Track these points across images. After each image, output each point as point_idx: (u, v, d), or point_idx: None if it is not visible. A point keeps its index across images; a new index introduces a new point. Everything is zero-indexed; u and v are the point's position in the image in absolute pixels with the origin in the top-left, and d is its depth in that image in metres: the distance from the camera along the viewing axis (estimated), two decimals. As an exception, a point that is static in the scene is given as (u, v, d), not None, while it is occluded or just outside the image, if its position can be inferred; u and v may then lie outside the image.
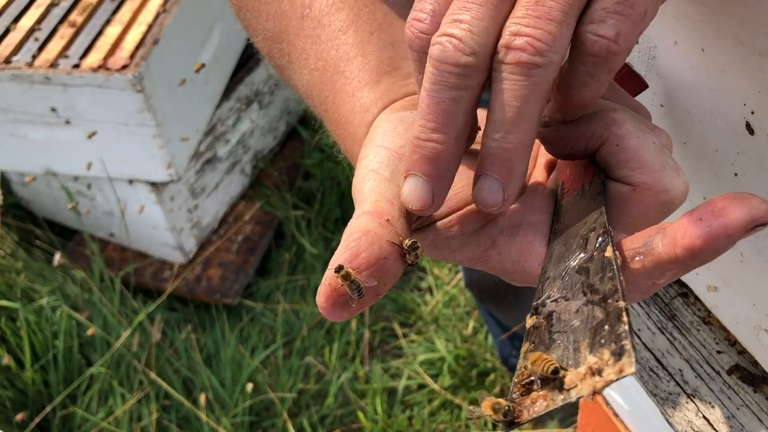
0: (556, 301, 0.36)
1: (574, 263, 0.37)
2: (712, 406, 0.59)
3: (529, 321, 0.37)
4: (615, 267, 0.35)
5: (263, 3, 0.56)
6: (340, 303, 0.38)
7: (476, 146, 0.45)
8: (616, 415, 0.85)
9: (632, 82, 0.53)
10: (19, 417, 1.73)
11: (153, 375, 1.83)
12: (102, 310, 1.92)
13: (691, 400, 0.60)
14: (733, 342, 0.62)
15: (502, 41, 0.36)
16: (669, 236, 0.35)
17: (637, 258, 0.37)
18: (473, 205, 0.43)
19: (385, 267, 0.38)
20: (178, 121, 1.85)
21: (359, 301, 0.38)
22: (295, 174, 2.36)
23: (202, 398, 1.79)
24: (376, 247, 0.38)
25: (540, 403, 0.33)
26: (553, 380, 0.32)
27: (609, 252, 0.36)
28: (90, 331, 1.81)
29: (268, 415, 1.89)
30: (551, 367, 0.32)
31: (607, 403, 0.85)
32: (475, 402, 1.65)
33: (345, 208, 2.30)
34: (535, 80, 0.36)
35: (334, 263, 0.38)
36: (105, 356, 1.84)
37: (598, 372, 0.31)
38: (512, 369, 1.86)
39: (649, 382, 0.62)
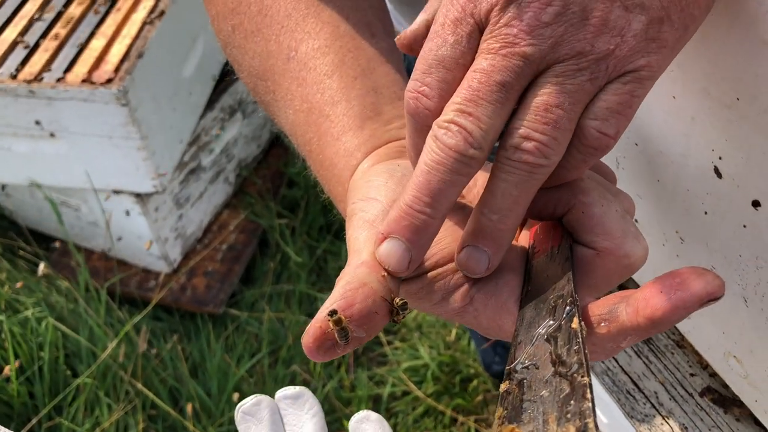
0: (527, 368, 0.39)
1: (543, 330, 0.40)
2: (686, 428, 0.62)
3: (503, 386, 0.39)
4: (581, 339, 0.37)
5: (250, 41, 0.58)
6: (325, 346, 0.40)
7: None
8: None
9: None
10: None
11: (139, 385, 1.84)
12: (88, 320, 1.92)
13: (666, 421, 0.63)
14: (705, 365, 0.65)
15: (511, 140, 0.38)
16: (632, 306, 0.38)
17: (603, 324, 0.40)
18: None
19: (374, 321, 0.40)
20: (162, 132, 1.86)
21: (344, 347, 0.40)
22: (279, 182, 2.38)
23: (189, 408, 1.81)
24: (370, 301, 0.40)
25: None
26: None
27: (575, 323, 0.38)
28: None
29: (254, 424, 1.90)
30: None
31: None
32: (459, 408, 1.66)
33: (329, 217, 2.32)
34: (536, 177, 0.39)
35: (327, 307, 0.40)
36: (91, 367, 1.85)
37: None
38: (495, 375, 1.90)
39: (626, 404, 0.65)
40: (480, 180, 0.49)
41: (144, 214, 1.97)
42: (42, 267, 1.93)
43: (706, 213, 0.53)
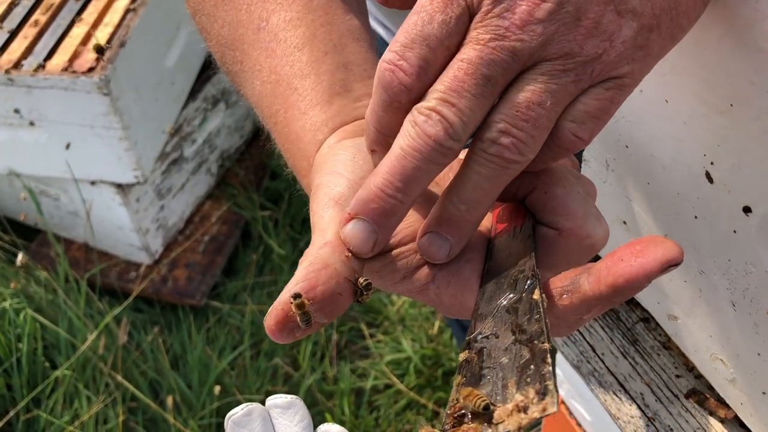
0: (486, 337, 0.39)
1: (504, 302, 0.40)
2: (671, 429, 0.62)
3: (462, 355, 0.39)
4: (542, 309, 0.38)
5: (220, 9, 0.57)
6: (287, 328, 0.40)
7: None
8: (579, 425, 0.88)
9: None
10: (-18, 422, 1.71)
11: (119, 378, 1.82)
12: (67, 312, 1.90)
13: (652, 423, 0.63)
14: (690, 367, 0.66)
15: (488, 134, 0.38)
16: (594, 275, 0.39)
17: (565, 295, 0.40)
18: None
19: (337, 302, 0.40)
20: (144, 122, 1.84)
21: (304, 330, 0.40)
22: (262, 174, 2.36)
23: (170, 400, 1.79)
24: (333, 282, 0.40)
25: None
26: (483, 415, 0.35)
27: (537, 295, 0.39)
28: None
29: (235, 417, 1.89)
30: (482, 403, 0.35)
31: (571, 414, 0.89)
32: (441, 401, 1.66)
33: (312, 209, 2.31)
34: (509, 172, 0.39)
35: (290, 289, 0.39)
36: (70, 359, 1.83)
37: (524, 409, 0.33)
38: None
39: (612, 406, 0.65)
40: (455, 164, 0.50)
41: (125, 205, 1.95)
42: (20, 257, 1.90)
43: (696, 217, 0.53)
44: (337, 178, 0.45)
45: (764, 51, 0.40)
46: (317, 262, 0.40)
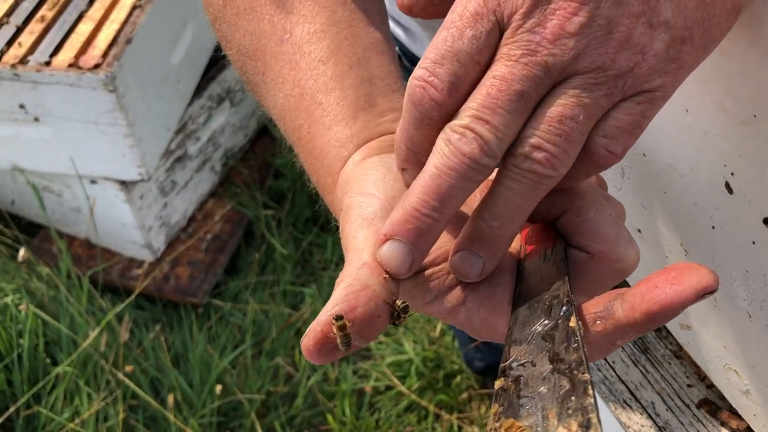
0: (523, 365, 0.38)
1: (539, 329, 0.40)
2: (683, 439, 0.62)
3: (498, 383, 0.39)
4: (579, 338, 0.37)
5: (242, 18, 0.56)
6: (326, 350, 0.39)
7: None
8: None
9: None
10: (-18, 417, 1.71)
11: (120, 375, 1.82)
12: (69, 308, 1.90)
13: (663, 432, 0.63)
14: (702, 377, 0.65)
15: (521, 149, 0.37)
16: (628, 302, 0.38)
17: (598, 321, 0.39)
18: None
19: (376, 324, 0.40)
20: (149, 120, 1.83)
21: (344, 352, 0.39)
22: (265, 173, 2.36)
23: (170, 399, 1.79)
24: (373, 305, 0.39)
25: None
26: None
27: (573, 322, 0.38)
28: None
29: (236, 416, 1.89)
30: None
31: None
32: (442, 404, 1.66)
33: (316, 209, 2.31)
34: (542, 187, 0.38)
35: (328, 311, 0.39)
36: (72, 356, 1.82)
37: None
38: (477, 372, 1.90)
39: (622, 414, 0.65)
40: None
41: (128, 202, 1.94)
42: (22, 252, 1.89)
43: (713, 227, 0.53)
44: (369, 199, 0.45)
45: (790, 62, 0.40)
46: (356, 284, 0.40)
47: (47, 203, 2.06)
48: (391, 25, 0.96)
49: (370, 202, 0.45)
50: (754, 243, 0.49)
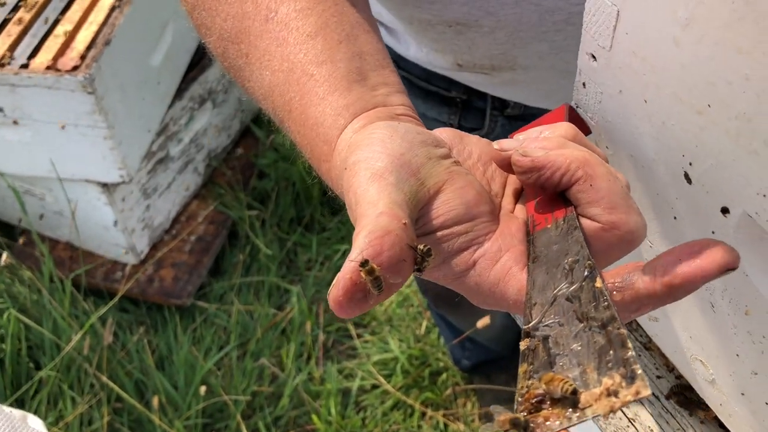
0: (549, 326, 0.39)
1: (563, 291, 0.40)
2: (651, 430, 0.62)
3: (523, 344, 0.39)
4: (607, 296, 0.38)
5: (222, 3, 0.56)
6: (356, 298, 0.39)
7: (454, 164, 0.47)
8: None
9: (579, 127, 0.56)
10: (-35, 423, 1.69)
11: (104, 378, 1.81)
12: (52, 312, 1.89)
13: (632, 424, 0.63)
14: (671, 368, 0.66)
15: None
16: (649, 273, 0.39)
17: (615, 292, 0.40)
18: (463, 225, 0.45)
19: (402, 268, 0.39)
20: (130, 121, 1.82)
21: (377, 297, 0.39)
22: (249, 173, 2.35)
23: (155, 401, 1.78)
24: (398, 248, 0.39)
25: (553, 420, 0.34)
26: (567, 400, 0.34)
27: (599, 283, 0.39)
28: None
29: (221, 417, 1.89)
30: (570, 388, 0.34)
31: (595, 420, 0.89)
32: (428, 402, 1.66)
33: (300, 209, 2.30)
34: None
35: (355, 257, 0.38)
36: (55, 360, 1.81)
37: (614, 393, 0.33)
38: (464, 370, 1.90)
39: (593, 407, 0.65)
40: (475, 152, 0.49)
41: (110, 204, 1.93)
42: (4, 257, 1.88)
43: (675, 218, 0.53)
44: (377, 154, 0.44)
45: (742, 52, 0.40)
46: (378, 230, 0.39)
47: (29, 207, 2.05)
48: None
49: (378, 157, 0.44)
50: (713, 233, 0.49)
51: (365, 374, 1.95)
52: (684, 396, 0.63)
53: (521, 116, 0.96)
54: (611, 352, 0.34)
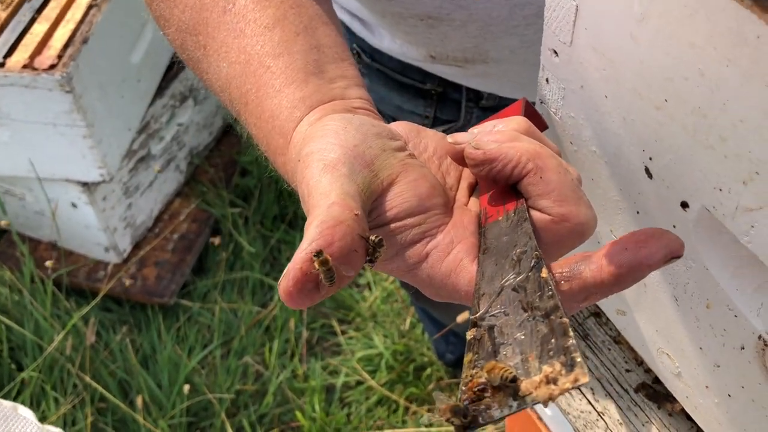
0: (495, 315, 0.39)
1: (510, 282, 0.40)
2: (621, 423, 0.63)
3: (469, 334, 0.39)
4: (552, 286, 0.38)
5: None
6: (307, 289, 0.38)
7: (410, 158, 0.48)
8: (540, 419, 0.88)
9: (535, 122, 0.56)
10: (-54, 425, 1.68)
11: (87, 378, 1.80)
12: (33, 312, 1.88)
13: (601, 417, 0.63)
14: (640, 361, 0.66)
15: None
16: (595, 263, 0.40)
17: (563, 282, 0.40)
18: (415, 217, 0.45)
19: (354, 259, 0.39)
20: (109, 120, 1.81)
21: (328, 288, 0.39)
22: (231, 171, 2.34)
23: (139, 400, 1.78)
24: (349, 239, 0.39)
25: (495, 408, 0.35)
26: (507, 388, 0.34)
27: (545, 273, 0.39)
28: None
29: (206, 416, 1.88)
30: (509, 375, 0.34)
31: (532, 408, 0.89)
32: (412, 397, 1.66)
33: (283, 206, 2.30)
34: None
35: (305, 248, 0.38)
36: (37, 361, 1.80)
37: (553, 381, 0.33)
38: (448, 364, 1.90)
39: (562, 401, 0.65)
40: (431, 145, 0.49)
41: (91, 204, 1.92)
42: (-15, 258, 1.87)
43: (638, 212, 0.53)
44: (330, 146, 0.44)
45: (696, 47, 0.40)
46: (330, 220, 0.39)
47: (10, 207, 2.03)
48: (347, 18, 0.95)
49: (331, 148, 0.44)
50: (674, 227, 0.50)
51: (349, 370, 1.95)
52: (652, 389, 0.63)
53: (496, 107, 0.96)
54: (553, 340, 0.35)
